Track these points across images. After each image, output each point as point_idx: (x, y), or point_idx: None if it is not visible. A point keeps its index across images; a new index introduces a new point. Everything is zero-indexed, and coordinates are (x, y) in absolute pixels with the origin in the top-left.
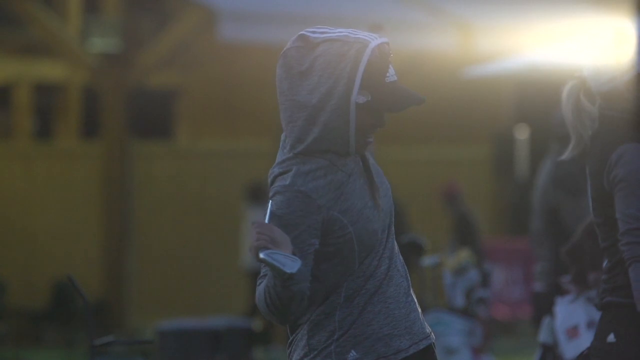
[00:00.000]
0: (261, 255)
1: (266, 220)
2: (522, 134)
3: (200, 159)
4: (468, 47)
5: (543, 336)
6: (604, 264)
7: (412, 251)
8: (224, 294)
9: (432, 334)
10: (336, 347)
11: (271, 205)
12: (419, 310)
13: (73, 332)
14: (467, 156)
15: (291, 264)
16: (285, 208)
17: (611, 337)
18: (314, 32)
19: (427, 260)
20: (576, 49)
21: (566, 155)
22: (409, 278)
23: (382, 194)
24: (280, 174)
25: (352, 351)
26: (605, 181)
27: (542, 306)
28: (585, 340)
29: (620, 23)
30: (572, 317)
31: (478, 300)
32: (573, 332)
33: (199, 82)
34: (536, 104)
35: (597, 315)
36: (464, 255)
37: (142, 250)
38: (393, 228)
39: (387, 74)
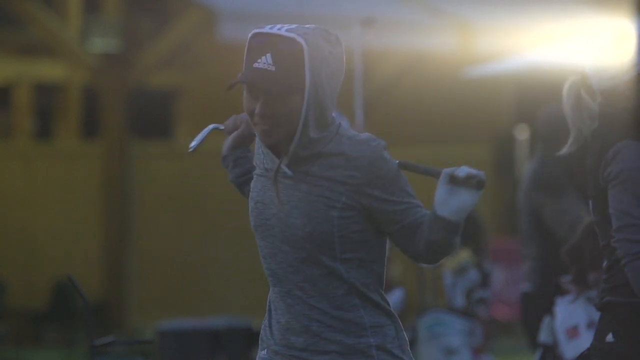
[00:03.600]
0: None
1: None
2: (522, 134)
3: (201, 159)
4: (468, 47)
5: (543, 336)
6: (604, 263)
7: None
8: (224, 294)
9: None
10: None
11: None
12: (331, 349)
13: (73, 332)
14: (467, 156)
15: (194, 143)
16: None
17: (610, 337)
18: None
19: None
20: (576, 49)
21: (565, 150)
22: (335, 322)
23: (289, 223)
24: None
25: None
26: (601, 178)
27: (530, 306)
28: (585, 340)
29: (620, 23)
30: (572, 317)
31: (478, 300)
32: (573, 332)
33: (199, 82)
34: (536, 104)
35: (597, 315)
36: (464, 255)
37: (142, 250)
38: (301, 266)
39: (259, 60)
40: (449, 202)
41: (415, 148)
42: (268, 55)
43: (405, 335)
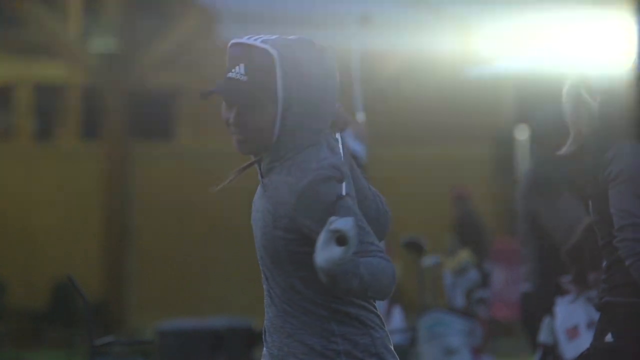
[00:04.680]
0: None
1: None
2: (522, 134)
3: (201, 160)
4: (468, 47)
5: (543, 336)
6: (603, 263)
7: (412, 251)
8: (224, 294)
9: None
10: None
11: None
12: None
13: (73, 332)
14: (467, 156)
15: None
16: None
17: (609, 337)
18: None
19: (428, 261)
20: (576, 49)
21: (564, 150)
22: (296, 324)
23: (256, 223)
24: None
25: None
26: (601, 178)
27: (530, 306)
28: (585, 340)
29: (620, 22)
30: (572, 317)
31: (478, 300)
32: (573, 332)
33: (200, 83)
34: (536, 104)
35: (597, 315)
36: (464, 255)
37: (142, 250)
38: (271, 274)
39: (233, 70)
40: (321, 250)
41: (415, 148)
42: (241, 65)
43: (389, 344)
